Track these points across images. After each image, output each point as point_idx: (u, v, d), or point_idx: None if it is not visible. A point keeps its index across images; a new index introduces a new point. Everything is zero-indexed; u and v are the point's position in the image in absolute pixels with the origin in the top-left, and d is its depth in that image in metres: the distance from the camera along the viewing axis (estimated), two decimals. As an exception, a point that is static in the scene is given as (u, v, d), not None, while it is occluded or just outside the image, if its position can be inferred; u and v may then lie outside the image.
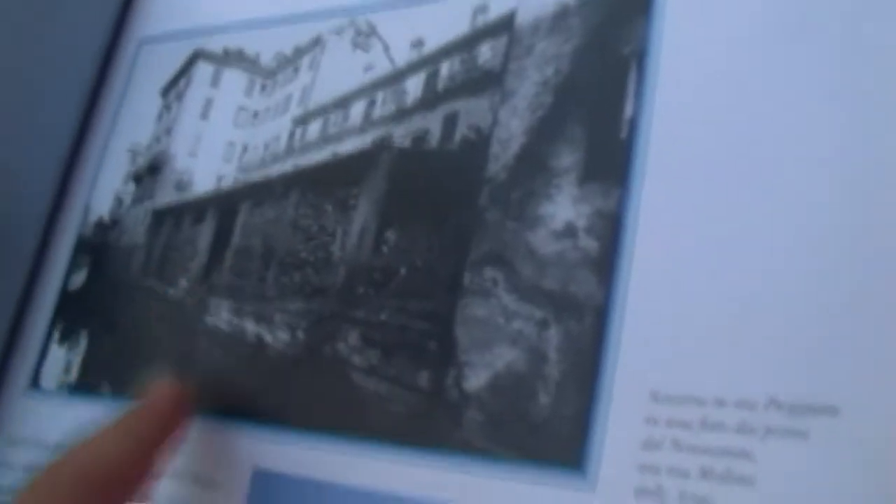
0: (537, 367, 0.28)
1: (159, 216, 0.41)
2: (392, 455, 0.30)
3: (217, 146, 0.40)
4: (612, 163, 0.29)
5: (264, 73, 0.41)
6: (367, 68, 0.37)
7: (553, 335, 0.29)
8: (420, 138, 0.34)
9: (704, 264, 0.27)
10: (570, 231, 0.29)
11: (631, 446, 0.26)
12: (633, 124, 0.30)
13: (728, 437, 0.25)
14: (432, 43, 0.36)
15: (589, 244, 0.29)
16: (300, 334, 0.34)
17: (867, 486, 0.23)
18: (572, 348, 0.28)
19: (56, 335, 0.42)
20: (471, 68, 0.34)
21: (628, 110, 0.30)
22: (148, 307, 0.39)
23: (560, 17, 0.33)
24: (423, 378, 0.31)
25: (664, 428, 0.26)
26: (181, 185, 0.41)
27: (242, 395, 0.35)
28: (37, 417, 0.41)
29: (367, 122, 0.36)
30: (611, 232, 0.29)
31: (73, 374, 0.41)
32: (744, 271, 0.26)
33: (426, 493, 0.29)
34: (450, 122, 0.34)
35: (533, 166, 0.31)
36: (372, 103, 0.36)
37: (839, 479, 0.23)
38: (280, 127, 0.39)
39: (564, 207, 0.30)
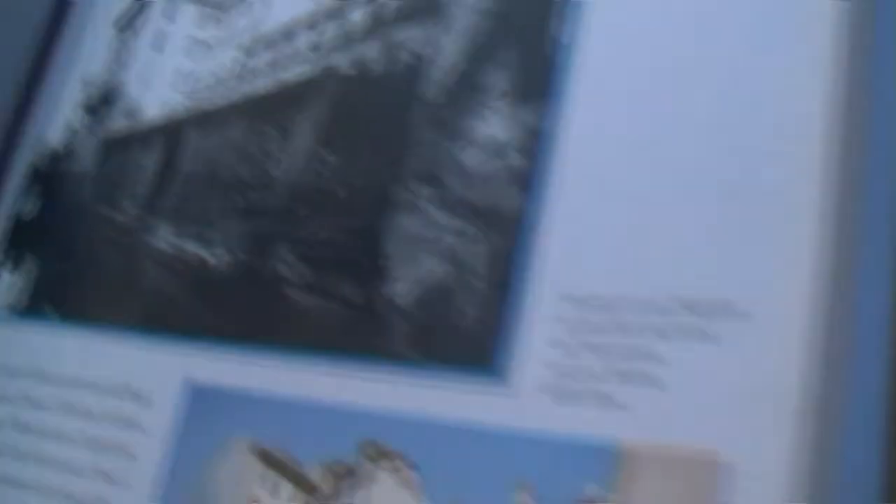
0: (462, 279, 0.29)
1: (110, 145, 0.42)
2: (322, 365, 0.31)
3: (168, 76, 0.41)
4: (541, 83, 0.30)
5: (218, 6, 0.41)
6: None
7: (478, 247, 0.29)
8: (363, 65, 0.35)
9: (619, 173, 0.27)
10: (498, 148, 0.30)
11: (546, 350, 0.27)
12: (562, 45, 0.30)
13: (640, 340, 0.26)
14: (378, -27, 0.36)
15: (516, 160, 0.30)
16: (239, 254, 0.35)
17: (776, 389, 0.24)
18: (495, 259, 0.29)
19: (8, 263, 0.43)
20: (414, -3, 0.35)
21: (558, 31, 0.30)
22: (96, 232, 0.40)
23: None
24: (355, 292, 0.31)
25: (578, 332, 0.26)
26: (132, 115, 0.41)
27: (180, 313, 0.35)
28: (-15, 342, 0.42)
29: (313, 50, 0.37)
30: (536, 148, 0.29)
31: (22, 299, 0.41)
32: (657, 179, 0.27)
33: (353, 401, 0.30)
34: (392, 49, 0.34)
35: (467, 88, 0.32)
36: (318, 32, 0.37)
37: (749, 382, 0.24)
38: (230, 57, 0.39)
39: (495, 126, 0.30)
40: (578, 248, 0.27)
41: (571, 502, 0.25)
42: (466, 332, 0.28)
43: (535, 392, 0.27)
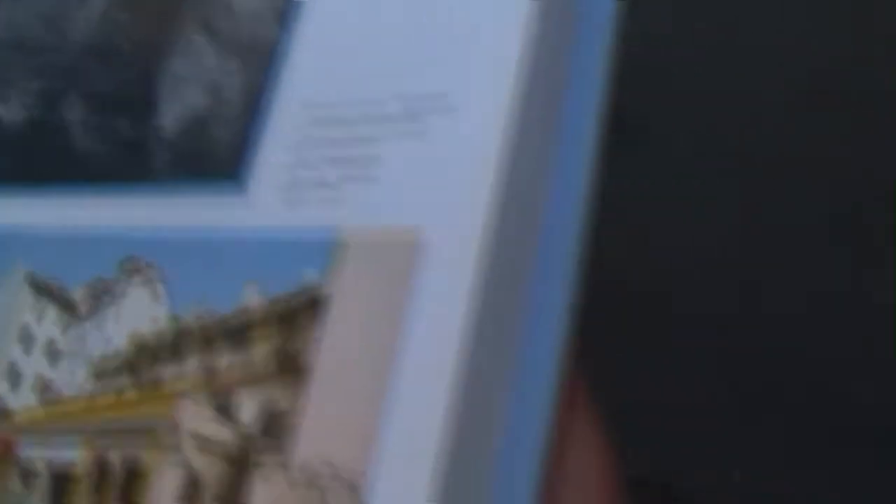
0: (219, 107, 0.31)
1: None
2: (95, 198, 0.32)
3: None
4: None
5: None
6: None
7: (236, 78, 0.31)
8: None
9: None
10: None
11: (281, 158, 0.28)
12: None
13: (363, 138, 0.27)
14: None
15: (276, -2, 0.31)
16: (33, 108, 0.36)
17: (475, 176, 0.25)
18: (249, 86, 0.30)
19: None
20: None
21: None
22: None
23: None
24: (129, 131, 0.32)
25: (310, 139, 0.28)
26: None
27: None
28: None
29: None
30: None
31: None
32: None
33: (120, 225, 0.31)
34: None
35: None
36: None
37: (451, 170, 0.26)
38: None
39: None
40: (319, 66, 0.29)
41: (292, 289, 0.26)
42: (218, 152, 0.30)
43: (270, 197, 0.28)
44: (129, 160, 0.32)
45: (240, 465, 0.25)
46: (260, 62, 0.30)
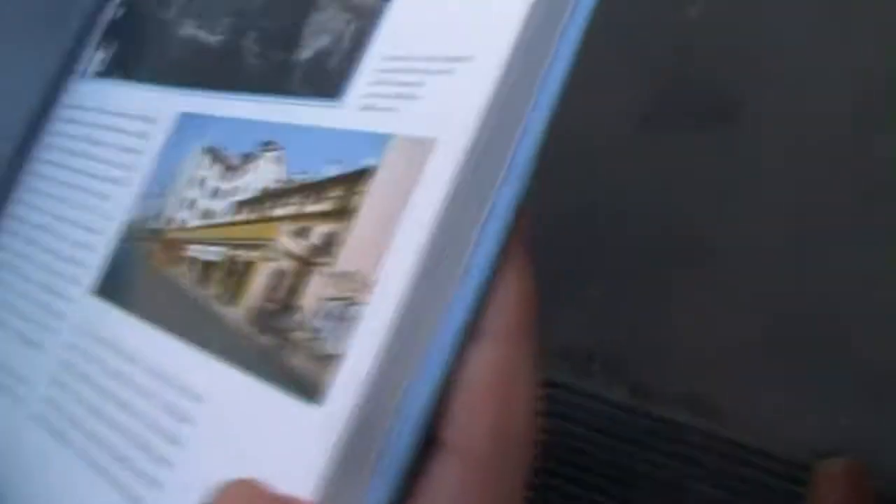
0: (337, 47, 0.46)
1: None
2: (253, 100, 0.48)
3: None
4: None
5: None
6: None
7: (350, 26, 0.46)
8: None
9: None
10: (377, -32, 0.46)
11: (365, 86, 0.43)
12: None
13: (413, 75, 0.41)
14: None
15: (385, -24, 0.46)
16: (226, 35, 0.52)
17: (474, 102, 0.39)
18: (357, 34, 0.45)
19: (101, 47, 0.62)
20: None
21: None
22: (149, 29, 0.59)
23: None
24: (279, 55, 0.48)
25: (386, 74, 0.43)
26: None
27: (186, 70, 0.53)
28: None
29: None
30: (397, -32, 0.45)
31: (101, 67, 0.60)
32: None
33: (267, 119, 0.47)
34: None
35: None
36: None
37: (460, 97, 0.40)
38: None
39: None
40: (400, 25, 0.43)
41: (359, 167, 0.41)
42: (331, 76, 0.45)
43: (354, 108, 0.43)
44: (277, 77, 0.48)
45: (306, 265, 0.40)
46: (366, 17, 0.45)
